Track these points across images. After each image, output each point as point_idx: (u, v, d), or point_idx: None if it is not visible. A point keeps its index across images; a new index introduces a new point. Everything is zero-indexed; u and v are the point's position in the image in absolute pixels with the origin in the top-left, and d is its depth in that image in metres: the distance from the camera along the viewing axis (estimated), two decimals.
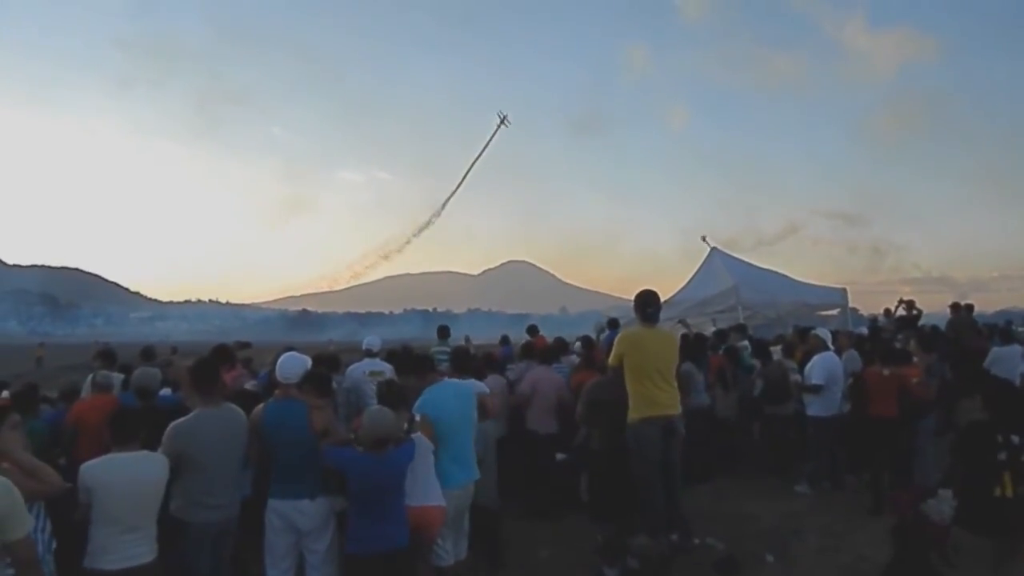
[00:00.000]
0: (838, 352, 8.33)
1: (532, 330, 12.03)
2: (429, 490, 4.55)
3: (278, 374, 4.62)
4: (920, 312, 13.49)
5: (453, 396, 4.97)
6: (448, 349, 9.33)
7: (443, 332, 10.87)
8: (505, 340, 13.09)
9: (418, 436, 4.53)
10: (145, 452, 3.87)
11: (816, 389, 7.78)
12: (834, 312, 15.90)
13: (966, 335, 11.86)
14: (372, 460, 4.16)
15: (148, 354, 9.23)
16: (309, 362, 4.81)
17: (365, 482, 4.16)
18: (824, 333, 8.38)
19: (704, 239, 16.40)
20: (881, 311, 14.70)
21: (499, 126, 35.71)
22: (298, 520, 4.35)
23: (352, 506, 4.24)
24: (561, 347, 9.26)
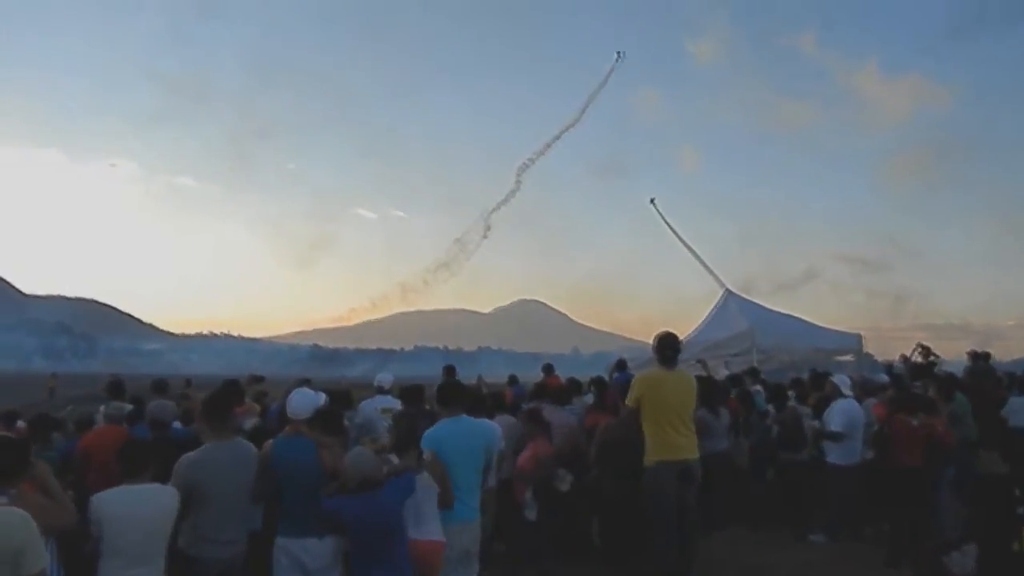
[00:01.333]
0: (857, 399, 8.20)
1: (547, 369, 11.93)
2: (428, 525, 4.47)
3: (288, 410, 4.59)
4: (937, 359, 13.33)
5: (463, 433, 4.90)
6: None
7: (449, 372, 10.70)
8: (514, 380, 12.99)
9: (423, 474, 4.46)
10: (155, 485, 3.85)
11: (836, 436, 7.65)
12: (849, 357, 15.78)
13: (984, 384, 11.68)
14: (363, 501, 4.07)
15: (160, 387, 9.26)
16: (321, 399, 4.78)
17: (360, 524, 4.08)
18: (842, 380, 8.26)
19: (652, 201, 16.94)
20: (897, 357, 14.54)
21: (616, 62, 36.33)
22: (305, 559, 4.27)
23: (352, 552, 4.16)
24: (574, 388, 9.18)
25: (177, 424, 6.56)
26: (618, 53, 37.14)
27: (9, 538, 2.71)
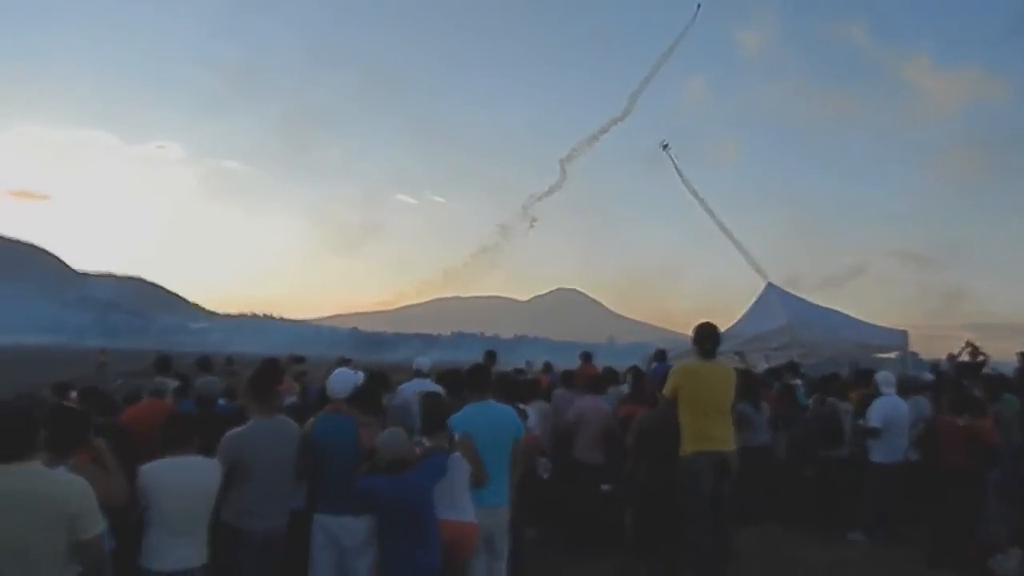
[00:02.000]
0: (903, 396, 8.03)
1: (585, 357, 11.92)
2: (463, 506, 4.52)
3: (328, 389, 4.68)
4: (986, 358, 12.97)
5: (488, 417, 4.90)
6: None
7: (491, 357, 10.74)
8: (549, 367, 12.99)
9: (455, 455, 4.50)
10: (199, 457, 3.96)
11: (874, 433, 7.52)
12: (892, 355, 15.43)
13: None
14: (394, 481, 4.14)
15: (204, 364, 9.48)
16: (360, 378, 4.86)
17: (391, 504, 4.16)
18: (885, 377, 8.08)
19: (665, 147, 16.89)
20: (944, 355, 14.18)
21: (697, 12, 36.29)
22: (342, 536, 4.37)
23: (382, 531, 4.24)
24: (611, 377, 9.15)
25: (222, 401, 6.72)
26: (698, 5, 36.41)
27: (66, 502, 2.80)
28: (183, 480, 3.80)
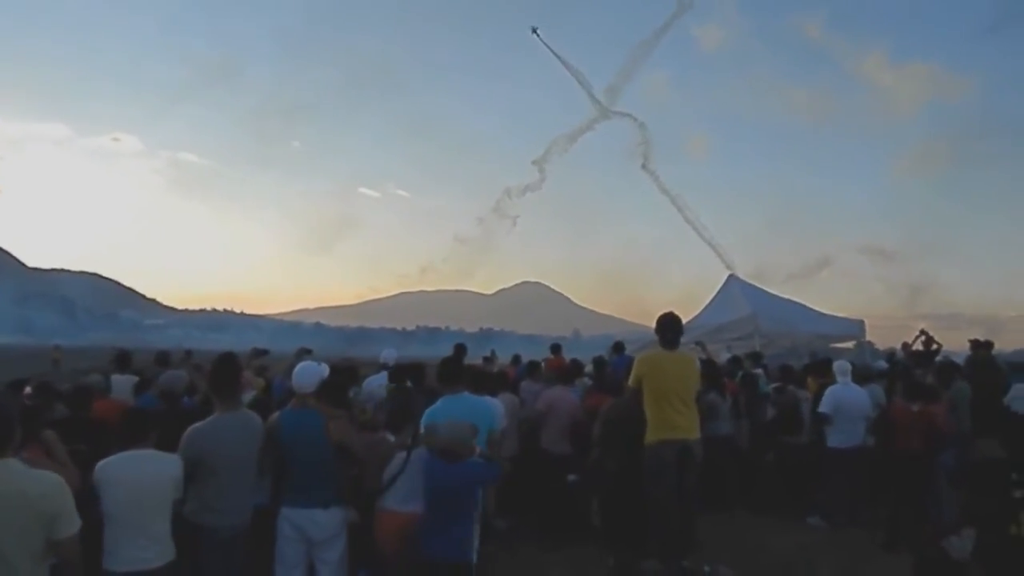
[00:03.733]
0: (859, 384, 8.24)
1: (555, 349, 12.00)
2: (418, 499, 4.48)
3: (294, 383, 4.64)
4: (939, 347, 13.33)
5: (463, 409, 4.88)
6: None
7: (460, 351, 10.70)
8: (517, 360, 13.05)
9: (420, 449, 4.48)
10: (157, 452, 3.88)
11: (824, 419, 7.72)
12: (850, 344, 15.80)
13: (985, 371, 11.68)
14: (447, 469, 4.19)
15: (163, 360, 9.32)
16: (326, 371, 4.82)
17: (433, 486, 4.22)
18: (841, 366, 8.29)
19: (535, 31, 17.17)
20: (899, 344, 14.54)
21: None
22: (310, 529, 4.35)
23: (425, 507, 4.27)
24: (577, 369, 9.23)
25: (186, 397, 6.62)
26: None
27: (44, 501, 2.76)
28: (137, 475, 3.70)
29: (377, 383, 7.44)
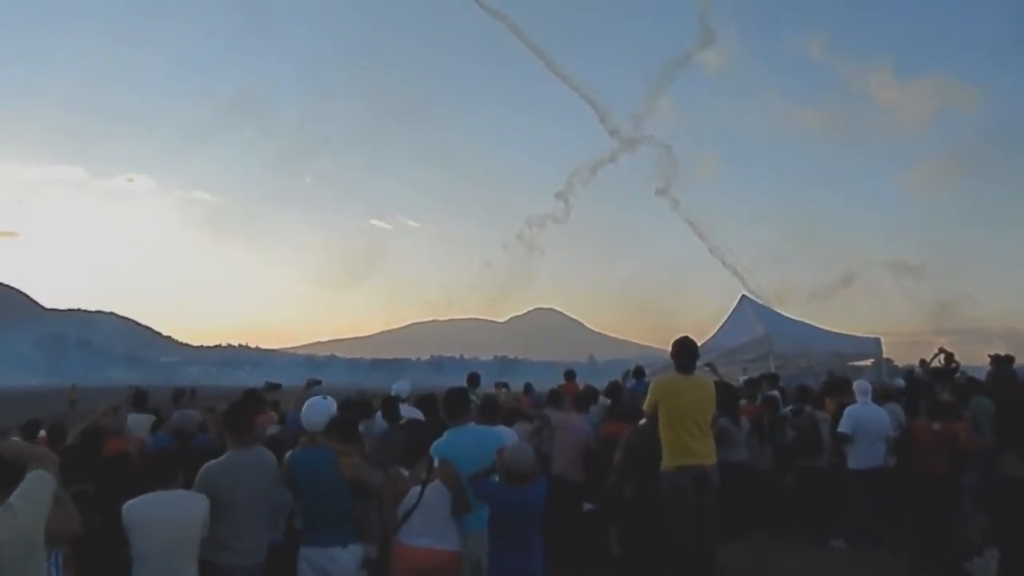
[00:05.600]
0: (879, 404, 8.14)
1: (569, 375, 11.95)
2: (444, 533, 4.46)
3: (304, 422, 4.64)
4: (958, 364, 13.18)
5: (471, 442, 4.87)
6: (475, 398, 9.28)
7: (473, 380, 10.69)
8: (529, 388, 12.98)
9: (436, 483, 4.46)
10: (184, 491, 3.92)
11: (844, 439, 7.62)
12: (867, 362, 15.66)
13: (1006, 387, 11.52)
14: (512, 493, 4.30)
15: (179, 397, 9.36)
16: (334, 407, 4.81)
17: (502, 514, 4.33)
18: (861, 385, 8.20)
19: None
20: (917, 362, 14.39)
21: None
22: (330, 568, 4.32)
23: (492, 537, 4.37)
24: (591, 395, 9.17)
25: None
26: None
27: None
28: (166, 515, 3.76)
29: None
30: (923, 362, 13.78)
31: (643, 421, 6.08)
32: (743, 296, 16.18)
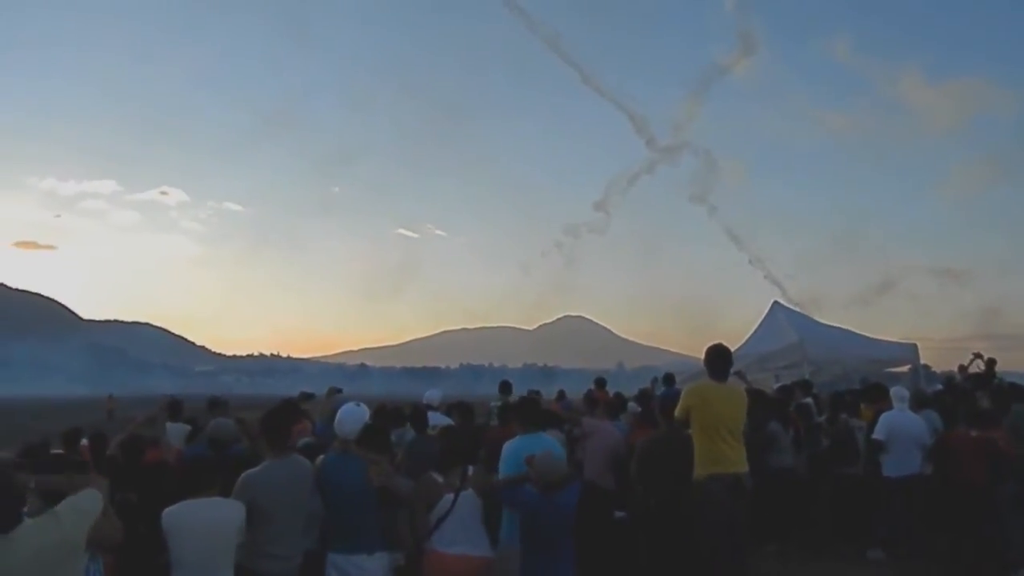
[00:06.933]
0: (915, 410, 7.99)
1: (599, 383, 11.92)
2: (475, 539, 4.49)
3: (337, 429, 4.68)
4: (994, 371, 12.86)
5: (541, 450, 4.81)
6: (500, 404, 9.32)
7: (505, 388, 10.61)
8: (562, 395, 12.97)
9: (468, 491, 4.49)
10: (221, 498, 3.99)
11: (879, 446, 7.50)
12: (904, 369, 15.36)
13: None
14: (544, 501, 4.33)
15: (215, 405, 9.49)
16: (367, 415, 4.86)
17: (535, 522, 4.37)
18: (898, 391, 8.04)
19: None
20: (956, 367, 14.09)
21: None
22: (357, 575, 4.37)
23: (524, 546, 4.41)
24: (621, 403, 9.15)
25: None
26: None
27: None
28: (203, 522, 3.82)
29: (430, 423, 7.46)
30: (962, 368, 13.49)
31: (659, 428, 6.08)
32: (775, 302, 15.96)
